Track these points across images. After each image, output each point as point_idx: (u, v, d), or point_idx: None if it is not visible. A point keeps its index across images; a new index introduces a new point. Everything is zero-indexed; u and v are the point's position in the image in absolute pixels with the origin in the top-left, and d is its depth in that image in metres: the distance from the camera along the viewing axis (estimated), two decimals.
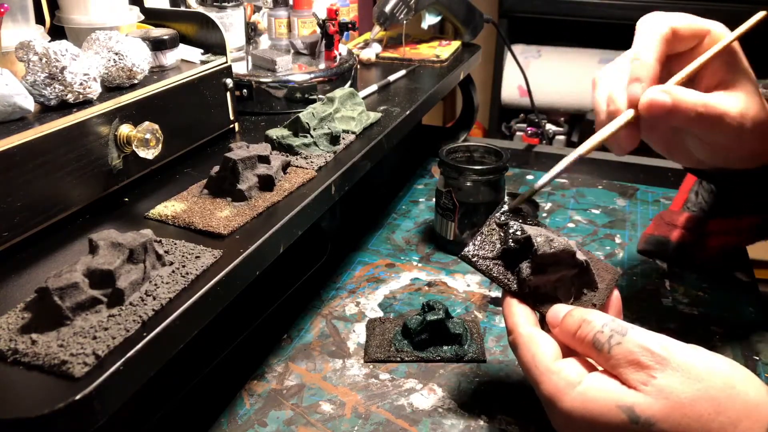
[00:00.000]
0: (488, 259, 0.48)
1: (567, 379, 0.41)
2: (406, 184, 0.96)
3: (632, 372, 0.39)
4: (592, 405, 0.39)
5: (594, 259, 0.49)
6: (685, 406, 0.37)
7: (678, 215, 0.75)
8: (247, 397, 0.55)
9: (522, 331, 0.44)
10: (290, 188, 0.53)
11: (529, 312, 0.46)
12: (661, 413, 0.37)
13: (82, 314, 0.36)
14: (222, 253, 0.44)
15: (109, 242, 0.39)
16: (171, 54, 0.58)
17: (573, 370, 0.41)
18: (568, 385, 0.40)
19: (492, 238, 0.49)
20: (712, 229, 0.71)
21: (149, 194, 0.53)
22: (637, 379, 0.38)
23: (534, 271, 0.45)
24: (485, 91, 1.99)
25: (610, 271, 0.50)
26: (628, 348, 0.39)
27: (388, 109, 0.73)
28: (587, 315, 0.43)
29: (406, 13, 0.91)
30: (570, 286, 0.47)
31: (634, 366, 0.39)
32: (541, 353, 0.43)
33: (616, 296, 0.49)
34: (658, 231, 0.75)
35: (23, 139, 0.42)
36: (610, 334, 0.40)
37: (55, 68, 0.45)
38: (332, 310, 0.66)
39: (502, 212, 0.50)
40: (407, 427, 0.52)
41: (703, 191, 0.75)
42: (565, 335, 0.44)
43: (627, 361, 0.39)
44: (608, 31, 1.69)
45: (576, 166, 0.49)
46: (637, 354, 0.39)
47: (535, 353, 0.43)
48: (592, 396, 0.39)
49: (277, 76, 0.71)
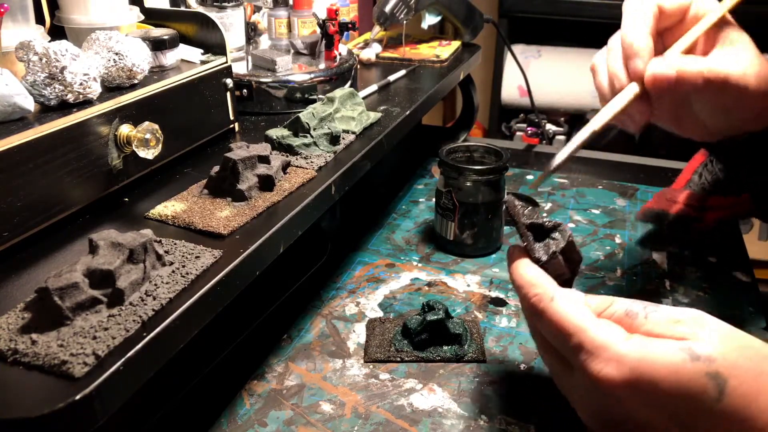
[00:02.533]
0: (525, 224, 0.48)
1: (616, 330, 0.39)
2: (406, 184, 0.96)
3: (677, 327, 0.38)
4: (652, 345, 0.38)
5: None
6: (737, 348, 0.37)
7: (679, 192, 0.75)
8: (247, 397, 0.55)
9: (550, 288, 0.43)
10: (290, 188, 0.53)
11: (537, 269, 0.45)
12: (717, 352, 0.36)
13: (82, 314, 0.36)
14: (222, 253, 0.44)
15: (109, 242, 0.39)
16: (171, 54, 0.58)
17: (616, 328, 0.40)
18: (620, 333, 0.39)
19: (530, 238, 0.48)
20: (711, 204, 0.72)
21: (149, 194, 0.53)
22: (684, 332, 0.38)
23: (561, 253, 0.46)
24: (485, 91, 1.99)
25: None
26: (666, 312, 0.39)
27: (388, 109, 0.73)
28: (612, 299, 0.42)
29: (406, 13, 0.91)
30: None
31: (677, 324, 0.38)
32: (584, 306, 0.41)
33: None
34: (658, 205, 0.76)
35: (23, 139, 0.42)
36: (643, 305, 0.40)
37: (55, 68, 0.45)
38: (332, 310, 0.66)
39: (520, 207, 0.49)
40: (407, 427, 0.52)
41: (707, 173, 0.75)
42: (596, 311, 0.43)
43: (669, 320, 0.39)
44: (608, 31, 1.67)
45: (576, 166, 0.49)
46: (677, 314, 0.39)
47: (577, 303, 0.41)
48: (649, 339, 0.38)
49: (277, 76, 0.71)
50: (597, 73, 0.52)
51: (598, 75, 0.52)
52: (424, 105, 0.78)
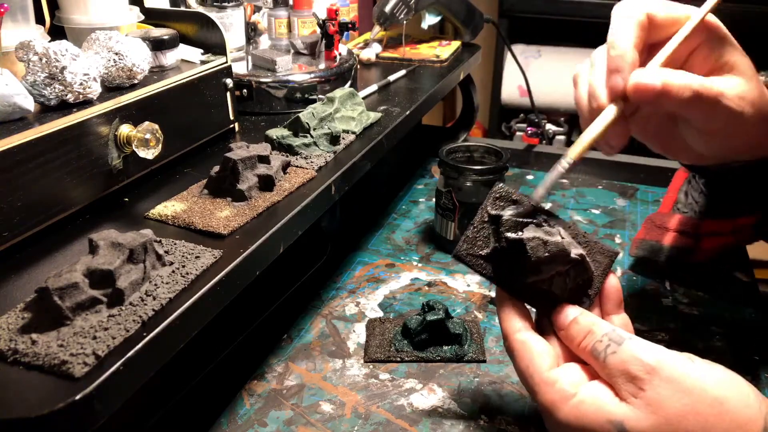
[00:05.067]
0: (481, 258, 0.46)
1: (562, 391, 0.41)
2: (406, 184, 0.96)
3: (624, 382, 0.39)
4: (585, 419, 0.39)
5: (591, 243, 0.47)
6: (674, 422, 0.37)
7: (669, 217, 0.73)
8: (247, 397, 0.55)
9: (517, 338, 0.44)
10: (290, 188, 0.53)
11: (524, 315, 0.45)
12: (649, 429, 0.37)
13: (82, 314, 0.36)
14: (222, 253, 0.44)
15: (109, 242, 0.39)
16: (171, 54, 0.58)
17: (569, 380, 0.41)
18: (563, 397, 0.40)
19: (485, 232, 0.46)
20: (705, 231, 0.70)
21: (149, 194, 0.53)
22: (627, 390, 0.39)
23: (529, 272, 0.44)
24: (485, 91, 1.99)
25: (606, 254, 0.47)
26: (621, 357, 0.40)
27: (388, 109, 0.73)
28: (593, 325, 0.42)
29: (406, 13, 0.91)
30: (565, 278, 0.46)
31: (626, 376, 0.39)
32: (537, 363, 0.42)
33: (613, 284, 0.46)
34: (650, 235, 0.73)
35: (23, 139, 0.42)
36: (607, 343, 0.41)
37: (55, 68, 0.45)
38: (332, 310, 0.66)
39: (494, 199, 0.47)
40: (407, 427, 0.52)
41: (692, 191, 0.73)
42: (570, 342, 0.44)
43: (619, 370, 0.39)
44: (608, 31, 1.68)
45: (576, 165, 0.47)
46: (628, 363, 0.39)
47: (530, 362, 0.42)
48: (584, 410, 0.40)
49: (277, 76, 0.71)
50: (578, 86, 0.48)
51: (579, 88, 0.48)
52: (424, 105, 0.78)
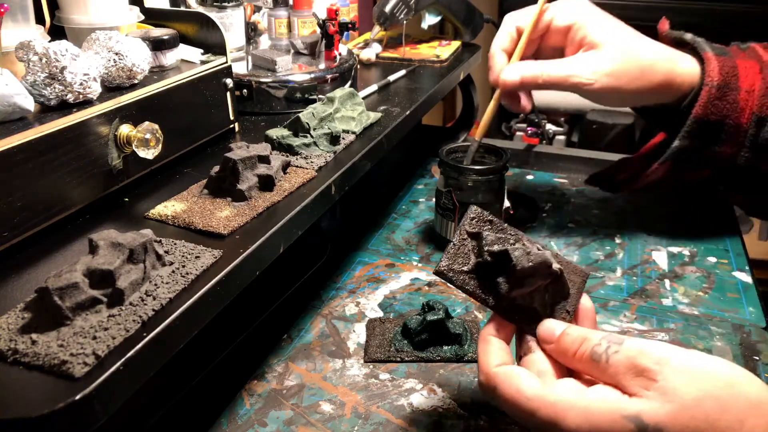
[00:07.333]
0: (464, 273, 0.45)
1: (565, 400, 0.38)
2: (406, 184, 0.96)
3: (632, 378, 0.38)
4: (597, 420, 0.37)
5: (564, 263, 0.47)
6: (691, 407, 0.36)
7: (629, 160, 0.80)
8: (247, 397, 0.55)
9: (498, 371, 0.42)
10: (290, 188, 0.53)
11: (500, 347, 0.44)
12: (668, 417, 0.36)
13: (82, 314, 0.36)
14: (222, 253, 0.44)
15: (109, 242, 0.39)
16: (171, 54, 0.58)
17: (569, 389, 0.39)
18: (567, 404, 0.38)
19: (465, 249, 0.46)
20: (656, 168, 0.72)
21: (149, 194, 0.53)
22: (638, 385, 0.37)
23: (512, 286, 0.44)
24: (485, 91, 1.99)
25: (579, 274, 0.48)
26: (626, 354, 0.38)
27: (388, 109, 0.73)
28: (587, 333, 0.41)
29: (406, 13, 0.91)
30: (545, 294, 0.45)
31: (634, 371, 0.38)
32: (525, 384, 0.40)
33: (587, 305, 0.47)
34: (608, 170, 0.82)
35: (23, 139, 0.42)
36: (607, 345, 0.39)
37: (55, 68, 0.45)
38: (332, 310, 0.66)
39: (471, 219, 0.47)
40: (407, 427, 0.52)
41: None
42: (562, 355, 0.42)
43: (626, 367, 0.38)
44: None
45: (576, 166, 0.48)
46: (636, 358, 0.38)
47: (519, 385, 0.40)
48: (595, 410, 0.38)
49: (277, 76, 0.71)
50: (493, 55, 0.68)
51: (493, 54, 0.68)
52: (424, 105, 0.78)
